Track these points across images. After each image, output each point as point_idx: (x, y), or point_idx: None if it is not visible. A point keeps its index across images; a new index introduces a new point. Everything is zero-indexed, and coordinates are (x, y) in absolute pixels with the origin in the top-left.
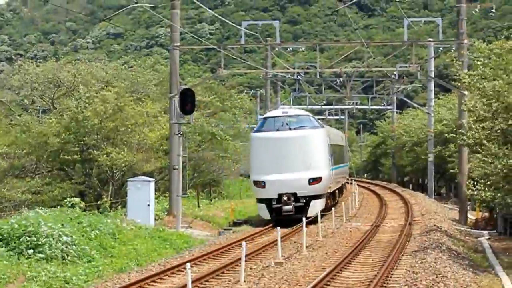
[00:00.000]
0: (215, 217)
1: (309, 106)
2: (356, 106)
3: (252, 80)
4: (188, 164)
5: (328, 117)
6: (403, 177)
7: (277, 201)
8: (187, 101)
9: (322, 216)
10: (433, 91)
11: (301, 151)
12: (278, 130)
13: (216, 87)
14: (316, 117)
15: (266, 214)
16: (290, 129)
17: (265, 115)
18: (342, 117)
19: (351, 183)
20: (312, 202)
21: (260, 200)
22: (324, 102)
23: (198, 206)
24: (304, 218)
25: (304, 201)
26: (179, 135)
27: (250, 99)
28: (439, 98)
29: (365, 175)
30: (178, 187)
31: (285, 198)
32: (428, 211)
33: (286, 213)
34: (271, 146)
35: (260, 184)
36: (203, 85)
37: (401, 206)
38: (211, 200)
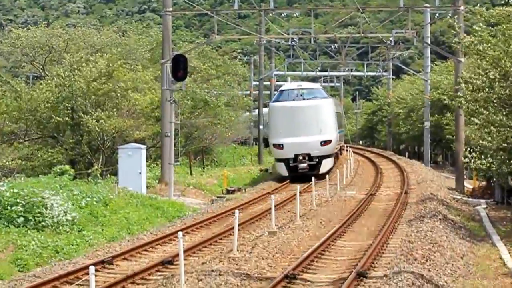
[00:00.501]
0: (208, 185)
1: (304, 73)
2: (352, 73)
3: (246, 46)
4: (180, 131)
5: (323, 83)
6: (399, 145)
7: (293, 160)
8: (180, 68)
9: (316, 183)
10: (429, 58)
11: (313, 118)
12: (293, 100)
13: (209, 53)
14: (310, 83)
15: (284, 171)
16: (304, 99)
17: (281, 88)
18: (338, 83)
19: (347, 150)
20: (324, 161)
21: (279, 160)
22: (319, 68)
23: (191, 174)
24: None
25: (317, 160)
26: (171, 101)
27: (244, 66)
28: (436, 65)
29: (361, 142)
30: (170, 154)
31: (300, 157)
32: (424, 179)
33: (302, 170)
34: (288, 114)
35: (279, 146)
36: (196, 51)
37: (397, 174)
38: (203, 168)
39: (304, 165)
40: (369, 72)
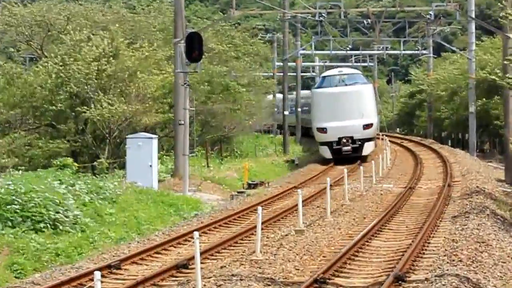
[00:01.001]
0: (227, 178)
1: (333, 52)
2: (387, 51)
3: (268, 23)
4: (195, 119)
5: (355, 63)
6: (441, 132)
7: (337, 143)
8: (194, 47)
9: (348, 176)
10: (474, 34)
11: (355, 103)
12: (336, 86)
13: (228, 31)
14: (342, 63)
15: (328, 154)
16: (346, 85)
17: (323, 74)
18: (371, 63)
19: (382, 139)
20: (366, 144)
21: (322, 143)
22: (350, 46)
23: (208, 167)
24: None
25: (359, 143)
26: (185, 85)
27: (266, 45)
28: (481, 41)
29: (398, 130)
30: (185, 145)
31: (344, 140)
32: (470, 170)
33: (346, 152)
34: (331, 99)
35: (323, 130)
36: (212, 28)
37: (439, 165)
38: (222, 160)
39: (348, 147)
40: (406, 50)
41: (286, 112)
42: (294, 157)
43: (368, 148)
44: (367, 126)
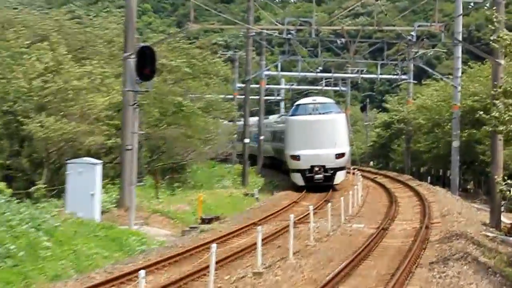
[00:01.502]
0: (178, 212)
1: (302, 73)
2: (362, 75)
3: (231, 39)
4: (145, 144)
5: (326, 87)
6: (420, 167)
7: (309, 171)
8: (146, 63)
9: (314, 213)
10: (460, 58)
11: (329, 132)
12: (310, 114)
13: (184, 46)
14: (311, 87)
15: (300, 181)
16: (320, 113)
17: (297, 103)
18: (344, 88)
19: (354, 173)
20: (338, 173)
21: (295, 171)
22: (321, 68)
23: (157, 198)
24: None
25: (332, 172)
26: (134, 106)
27: (226, 64)
28: (469, 67)
29: (371, 163)
30: (132, 172)
31: (316, 169)
32: (451, 211)
33: (318, 180)
34: (305, 127)
35: (296, 158)
36: (167, 43)
37: (416, 205)
38: (173, 191)
39: (320, 176)
40: (384, 74)
41: (246, 140)
42: (254, 190)
43: (339, 177)
44: (339, 156)
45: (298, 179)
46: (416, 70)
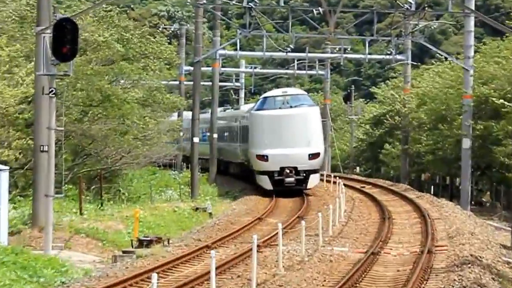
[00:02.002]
0: (108, 231)
1: (267, 53)
2: (345, 55)
3: (175, 8)
4: (65, 144)
5: (298, 71)
6: (420, 174)
7: (279, 173)
8: (65, 40)
9: (284, 233)
10: (473, 33)
11: (302, 128)
12: (280, 108)
13: (116, 18)
14: (279, 70)
15: (268, 185)
16: (291, 107)
17: (264, 95)
18: (322, 72)
19: (335, 182)
20: (311, 176)
21: (262, 172)
22: (292, 46)
23: (81, 214)
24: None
25: (304, 174)
26: (50, 94)
27: (169, 40)
28: (484, 44)
29: (358, 169)
30: (49, 181)
31: (287, 171)
32: (460, 231)
33: (288, 184)
34: (275, 123)
35: (263, 158)
36: (93, 14)
37: (416, 222)
38: (102, 204)
39: (292, 179)
40: (374, 54)
41: (196, 139)
42: (206, 204)
43: (313, 181)
44: (313, 156)
45: (266, 183)
46: (416, 49)
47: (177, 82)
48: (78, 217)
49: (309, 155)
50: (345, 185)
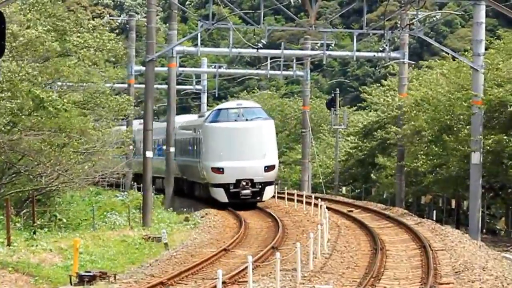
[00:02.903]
0: (42, 265)
1: (234, 50)
2: (328, 52)
3: None
4: None
5: (272, 72)
6: (419, 196)
7: (234, 186)
8: None
9: (255, 267)
10: (484, 25)
11: (257, 141)
12: (235, 120)
13: (51, 6)
14: (248, 70)
15: (223, 198)
16: (246, 120)
17: (218, 107)
18: (300, 72)
19: (316, 205)
20: (267, 188)
21: (217, 185)
22: (265, 41)
23: (8, 244)
24: None
25: (260, 186)
26: None
27: (118, 35)
28: (498, 39)
29: (344, 189)
30: None
31: (243, 183)
32: (469, 265)
33: (244, 197)
34: (230, 135)
35: (218, 170)
36: (21, 2)
37: (415, 254)
38: (34, 233)
39: (248, 191)
40: (363, 51)
41: (149, 153)
42: (162, 232)
43: (269, 193)
44: (269, 168)
45: (221, 196)
46: (415, 43)
47: (125, 85)
48: (5, 248)
49: (265, 167)
50: (328, 208)
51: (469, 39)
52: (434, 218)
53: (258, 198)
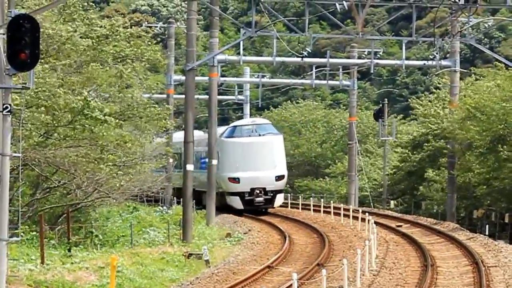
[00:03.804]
0: (78, 284)
1: (278, 59)
2: (376, 60)
3: (160, 2)
4: (23, 174)
5: (317, 81)
6: (472, 210)
7: (249, 194)
8: (23, 43)
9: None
10: None
11: (269, 153)
12: (249, 136)
13: (86, 14)
14: (293, 80)
15: (239, 205)
16: (259, 135)
17: (233, 124)
18: (347, 82)
19: (364, 219)
20: (278, 195)
21: (233, 194)
22: (309, 50)
23: (42, 262)
24: None
25: (272, 194)
26: (5, 112)
27: (156, 43)
28: None
29: (392, 203)
30: (1, 221)
31: (257, 191)
32: None
33: (258, 203)
34: (245, 149)
35: (235, 180)
36: (56, 8)
37: (466, 271)
38: (69, 250)
39: (261, 198)
40: (412, 59)
41: (189, 166)
42: (203, 248)
43: (279, 200)
44: (279, 178)
45: (237, 203)
46: (468, 50)
47: (164, 96)
48: (39, 266)
49: (276, 177)
50: (376, 223)
51: None
52: (487, 233)
53: (270, 205)
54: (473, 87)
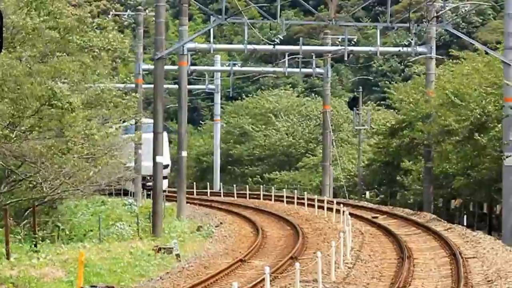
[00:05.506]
0: (44, 280)
1: (249, 46)
2: (350, 48)
3: None
4: None
5: (290, 69)
6: (449, 200)
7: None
8: None
9: (273, 278)
10: None
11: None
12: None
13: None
14: (265, 68)
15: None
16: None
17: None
18: (320, 70)
19: (338, 210)
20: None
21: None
22: (281, 37)
23: (7, 258)
24: None
25: None
26: None
27: (121, 30)
28: None
29: (368, 193)
30: None
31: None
32: (503, 273)
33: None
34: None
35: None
36: None
37: (444, 262)
38: (35, 245)
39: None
40: (388, 46)
41: (159, 158)
42: (173, 242)
43: (164, 184)
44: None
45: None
46: (445, 36)
47: (133, 85)
48: (4, 262)
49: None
50: (351, 214)
51: (501, 31)
52: (465, 224)
53: None
54: (452, 72)
